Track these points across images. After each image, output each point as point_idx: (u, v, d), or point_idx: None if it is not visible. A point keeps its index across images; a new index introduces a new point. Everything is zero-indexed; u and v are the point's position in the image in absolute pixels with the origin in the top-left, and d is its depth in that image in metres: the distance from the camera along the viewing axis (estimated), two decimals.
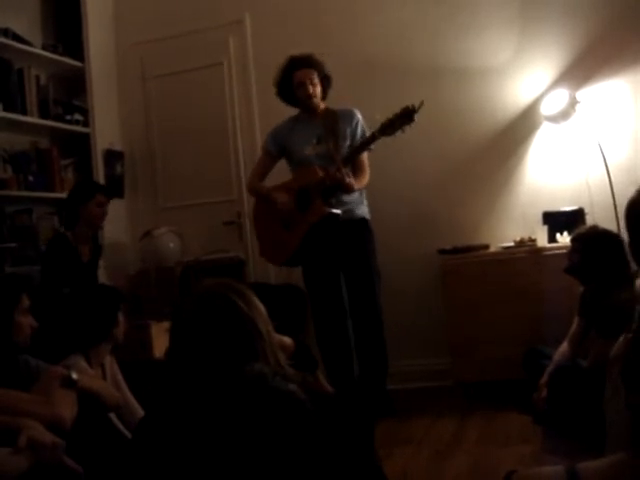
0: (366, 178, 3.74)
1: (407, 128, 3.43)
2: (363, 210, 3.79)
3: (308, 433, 1.53)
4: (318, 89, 3.75)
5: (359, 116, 3.80)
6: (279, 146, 3.86)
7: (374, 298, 3.70)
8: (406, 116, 3.40)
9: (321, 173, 3.62)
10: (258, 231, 3.98)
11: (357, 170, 3.70)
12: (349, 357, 3.76)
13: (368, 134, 3.65)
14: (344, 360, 3.75)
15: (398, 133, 3.45)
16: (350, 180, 3.57)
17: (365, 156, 3.76)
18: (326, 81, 3.80)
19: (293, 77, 3.75)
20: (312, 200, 3.64)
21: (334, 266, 3.73)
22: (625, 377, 1.12)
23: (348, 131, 3.75)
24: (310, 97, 3.73)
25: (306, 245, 3.70)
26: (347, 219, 3.68)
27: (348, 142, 3.74)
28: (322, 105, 3.82)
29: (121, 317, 2.62)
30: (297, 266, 3.92)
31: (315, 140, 3.74)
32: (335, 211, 3.61)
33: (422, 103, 3.37)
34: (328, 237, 3.68)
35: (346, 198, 3.68)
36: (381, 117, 3.47)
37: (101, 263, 4.42)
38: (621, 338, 1.55)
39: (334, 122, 3.72)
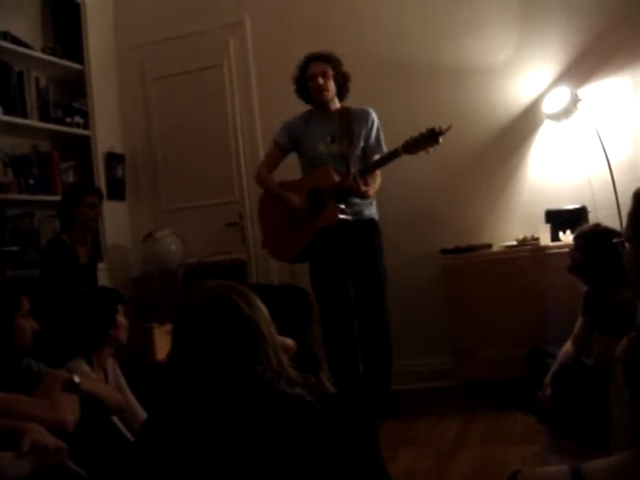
0: (378, 183, 3.75)
1: (431, 150, 3.40)
2: (372, 211, 3.80)
3: (316, 435, 1.52)
4: (330, 83, 3.73)
5: (374, 116, 3.79)
6: (292, 140, 3.83)
7: (380, 298, 3.71)
8: (431, 137, 3.36)
9: (336, 177, 3.61)
10: (262, 222, 3.97)
11: (370, 175, 3.70)
12: (354, 356, 3.75)
13: (390, 149, 3.65)
14: (349, 359, 3.74)
15: (422, 153, 3.42)
16: (366, 189, 3.58)
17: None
18: (341, 78, 3.78)
19: (307, 71, 3.75)
20: (325, 204, 3.63)
21: (342, 265, 3.73)
22: (629, 376, 1.11)
23: (363, 132, 3.74)
24: (320, 89, 3.70)
25: (313, 245, 3.71)
26: (356, 219, 3.69)
27: (362, 144, 3.74)
28: (338, 104, 3.81)
29: (120, 318, 2.60)
30: (300, 263, 3.93)
31: (329, 139, 3.74)
32: (346, 217, 3.61)
33: (449, 127, 3.35)
34: (336, 238, 3.68)
35: (357, 200, 3.69)
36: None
37: (102, 265, 4.43)
38: (625, 337, 1.54)
39: (349, 122, 3.71)
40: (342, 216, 3.60)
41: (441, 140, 3.37)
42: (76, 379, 2.08)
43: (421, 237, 4.32)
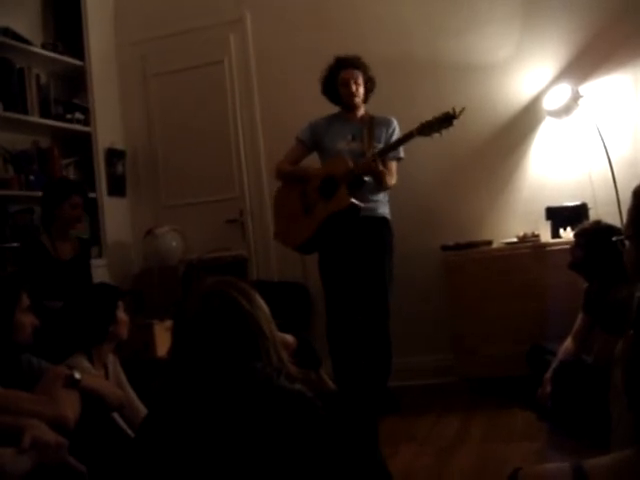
0: (393, 181, 3.77)
1: (444, 131, 3.47)
2: (385, 210, 3.82)
3: (316, 431, 1.52)
4: (361, 89, 3.81)
5: (396, 125, 3.84)
6: (313, 139, 3.89)
7: (384, 295, 3.72)
8: (446, 120, 3.45)
9: (350, 164, 3.64)
10: (276, 213, 4.01)
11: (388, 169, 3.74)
12: (356, 350, 3.75)
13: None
14: (351, 353, 3.75)
15: (435, 135, 3.49)
16: (384, 170, 3.61)
17: (395, 165, 3.80)
18: (370, 84, 3.86)
19: (338, 76, 3.81)
20: (338, 189, 3.65)
21: (350, 259, 3.74)
22: (627, 380, 1.11)
23: (383, 136, 3.79)
24: (352, 95, 3.79)
25: (323, 232, 3.72)
26: (368, 216, 3.70)
27: (381, 146, 3.77)
28: (362, 109, 3.87)
29: (120, 314, 2.60)
30: (310, 253, 3.94)
31: (350, 137, 3.79)
32: (358, 203, 3.62)
33: (463, 110, 3.40)
34: (346, 227, 3.69)
35: (371, 196, 3.71)
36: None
37: (102, 262, 4.43)
38: (623, 337, 1.54)
39: (371, 125, 3.79)
40: (353, 200, 3.61)
41: (455, 123, 3.44)
42: (77, 375, 2.08)
43: (422, 234, 4.32)
